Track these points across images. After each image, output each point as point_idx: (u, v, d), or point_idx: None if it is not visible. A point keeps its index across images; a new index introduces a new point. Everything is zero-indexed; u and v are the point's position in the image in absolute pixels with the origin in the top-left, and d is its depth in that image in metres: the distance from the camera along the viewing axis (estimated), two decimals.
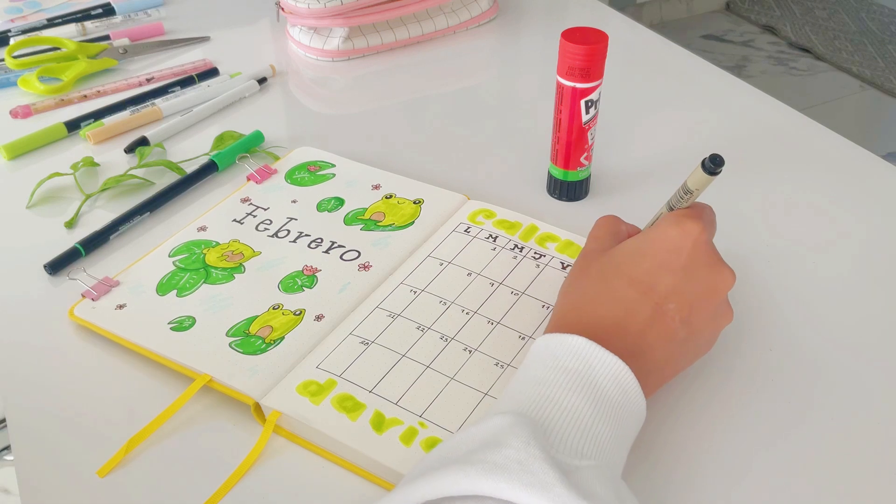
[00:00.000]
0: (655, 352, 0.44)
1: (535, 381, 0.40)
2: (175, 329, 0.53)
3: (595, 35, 0.57)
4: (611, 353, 0.41)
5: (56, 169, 0.68)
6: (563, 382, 0.40)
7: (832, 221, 0.63)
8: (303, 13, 0.83)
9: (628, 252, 0.46)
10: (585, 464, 0.36)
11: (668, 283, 0.44)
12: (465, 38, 0.90)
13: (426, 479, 0.34)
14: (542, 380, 0.40)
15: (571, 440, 0.37)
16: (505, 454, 0.34)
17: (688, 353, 0.46)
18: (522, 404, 0.39)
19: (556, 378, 0.40)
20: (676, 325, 0.44)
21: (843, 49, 2.57)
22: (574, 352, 0.41)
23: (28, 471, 0.46)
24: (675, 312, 0.44)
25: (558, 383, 0.40)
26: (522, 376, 0.42)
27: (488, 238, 0.59)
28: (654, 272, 0.44)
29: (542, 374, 0.41)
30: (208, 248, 0.60)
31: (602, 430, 0.38)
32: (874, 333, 0.53)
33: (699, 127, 0.74)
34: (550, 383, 0.40)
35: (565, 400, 0.39)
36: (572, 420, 0.38)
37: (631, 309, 0.44)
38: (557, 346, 0.42)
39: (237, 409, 0.49)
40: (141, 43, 0.89)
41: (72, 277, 0.58)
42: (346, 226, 0.61)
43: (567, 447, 0.37)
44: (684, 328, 0.44)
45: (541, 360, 0.42)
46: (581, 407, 0.39)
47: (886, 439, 0.47)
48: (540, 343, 0.43)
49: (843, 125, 0.93)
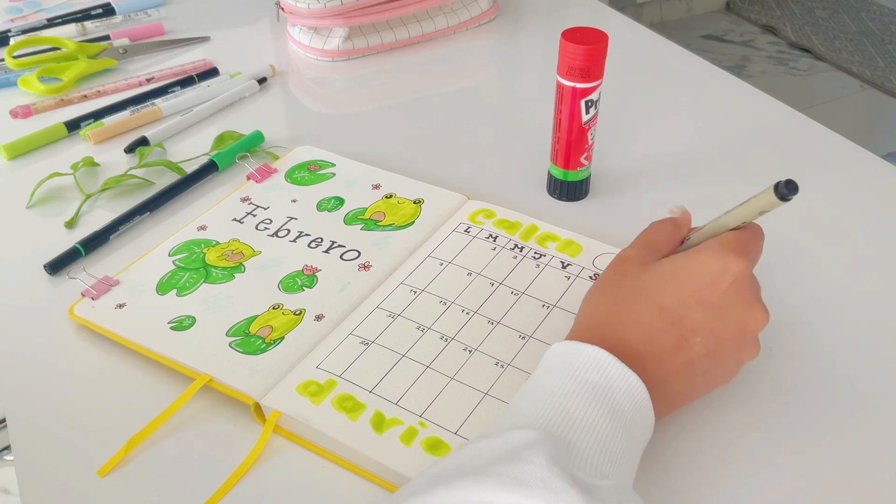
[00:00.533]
0: (673, 382, 0.43)
1: (554, 391, 0.40)
2: (175, 329, 0.53)
3: (595, 35, 0.57)
4: (628, 369, 0.40)
5: (56, 169, 0.68)
6: (583, 395, 0.39)
7: (832, 221, 0.63)
8: (303, 13, 0.83)
9: (665, 276, 0.45)
10: (605, 483, 0.36)
11: (697, 318, 0.43)
12: (465, 38, 0.90)
13: (445, 486, 0.34)
14: (561, 391, 0.40)
15: (591, 457, 0.37)
16: (527, 470, 0.34)
17: (705, 384, 0.45)
18: (543, 417, 0.38)
19: (575, 390, 0.40)
20: (698, 359, 0.43)
21: (843, 49, 2.57)
22: (594, 364, 0.41)
23: (28, 471, 0.46)
24: (700, 346, 0.43)
25: (577, 395, 0.39)
26: (540, 384, 0.41)
27: (488, 238, 0.59)
28: (686, 304, 0.43)
29: (560, 385, 0.40)
30: (208, 247, 0.60)
31: (619, 446, 0.38)
32: (875, 333, 0.53)
33: (699, 127, 0.74)
34: (570, 395, 0.39)
35: (584, 414, 0.39)
36: (592, 436, 0.38)
37: (656, 337, 0.43)
38: (576, 355, 0.41)
39: (237, 409, 0.49)
40: (141, 43, 0.89)
41: (71, 276, 0.58)
42: (346, 225, 0.61)
43: (587, 465, 0.36)
44: (705, 362, 0.44)
45: (559, 369, 0.41)
46: (600, 422, 0.38)
47: (891, 441, 0.47)
48: (557, 349, 0.43)
49: (843, 125, 0.93)
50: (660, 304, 0.44)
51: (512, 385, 0.48)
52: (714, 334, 0.43)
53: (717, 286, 0.43)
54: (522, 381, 0.49)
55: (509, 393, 0.48)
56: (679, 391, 0.44)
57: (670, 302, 0.44)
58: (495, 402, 0.47)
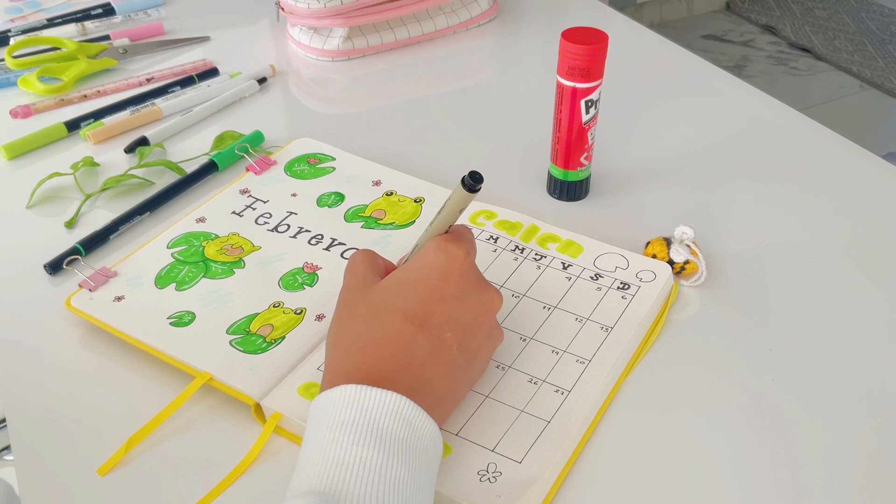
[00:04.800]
0: (438, 383, 0.42)
1: (318, 447, 0.38)
2: (174, 324, 0.53)
3: (595, 35, 0.57)
4: (384, 391, 0.39)
5: (56, 169, 0.68)
6: (344, 438, 0.37)
7: (832, 221, 0.63)
8: (303, 13, 0.83)
9: (396, 284, 0.45)
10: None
11: (442, 313, 0.43)
12: (465, 38, 0.90)
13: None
14: (324, 443, 0.38)
15: (370, 494, 0.36)
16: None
17: (467, 378, 0.45)
18: (313, 478, 0.37)
19: (336, 436, 0.38)
20: (455, 354, 0.43)
21: (843, 49, 2.57)
22: (346, 403, 0.39)
23: (28, 469, 0.46)
24: (452, 341, 0.43)
25: (339, 441, 0.37)
26: (306, 446, 0.39)
27: (489, 239, 0.59)
28: (427, 302, 0.43)
29: (322, 437, 0.38)
30: (207, 240, 0.60)
31: (399, 471, 0.37)
32: (875, 333, 0.53)
33: (699, 127, 0.74)
34: (332, 443, 0.38)
35: (351, 456, 0.37)
36: (365, 474, 0.36)
37: (410, 344, 0.42)
38: (328, 402, 0.39)
39: (237, 408, 0.49)
40: (141, 43, 0.89)
41: (67, 265, 0.58)
42: (347, 222, 0.61)
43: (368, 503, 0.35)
44: (462, 355, 0.43)
45: (319, 423, 0.39)
46: (370, 456, 0.37)
47: (888, 438, 0.47)
48: (314, 405, 0.41)
49: (843, 125, 0.93)
50: (402, 311, 0.43)
51: (513, 387, 0.48)
52: (461, 324, 0.44)
53: (449, 277, 0.44)
54: (523, 382, 0.49)
55: (510, 394, 0.48)
56: (446, 391, 0.43)
57: (411, 305, 0.43)
58: (496, 405, 0.47)
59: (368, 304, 0.44)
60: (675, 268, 0.56)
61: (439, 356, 0.43)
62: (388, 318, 0.43)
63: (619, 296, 0.54)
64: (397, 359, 0.42)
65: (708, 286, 0.57)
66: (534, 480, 0.43)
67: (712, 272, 0.58)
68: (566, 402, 0.47)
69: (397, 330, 0.43)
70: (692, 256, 0.56)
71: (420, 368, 0.42)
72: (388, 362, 0.42)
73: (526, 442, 0.45)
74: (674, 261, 0.56)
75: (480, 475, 0.43)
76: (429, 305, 0.43)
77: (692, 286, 0.57)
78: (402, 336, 0.42)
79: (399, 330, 0.43)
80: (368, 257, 0.48)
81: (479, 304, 0.45)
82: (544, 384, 0.48)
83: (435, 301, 0.43)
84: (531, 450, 0.45)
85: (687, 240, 0.56)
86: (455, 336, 0.43)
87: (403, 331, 0.42)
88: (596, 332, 0.51)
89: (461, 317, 0.44)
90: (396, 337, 0.42)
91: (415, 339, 0.42)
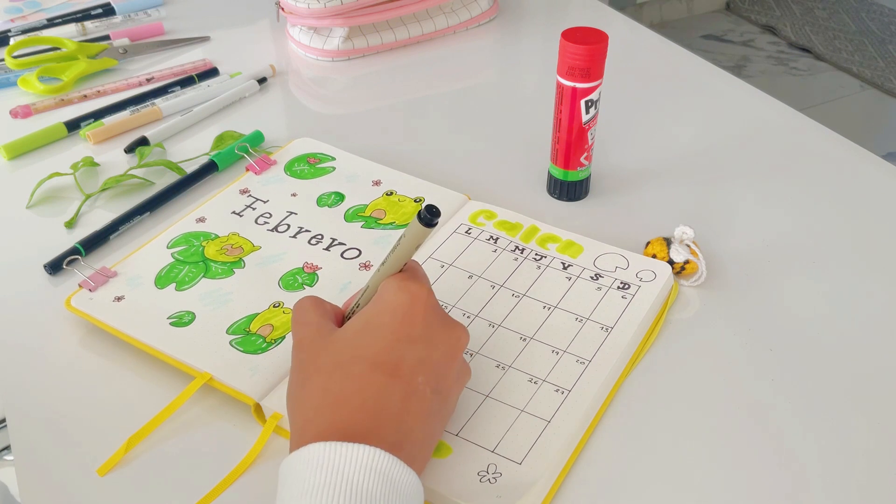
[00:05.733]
0: (417, 432, 0.40)
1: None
2: (175, 324, 0.53)
3: (595, 35, 0.57)
4: (358, 445, 0.36)
5: (56, 169, 0.68)
6: (320, 502, 0.35)
7: (832, 221, 0.63)
8: (303, 13, 0.83)
9: (359, 331, 0.42)
10: None
11: (411, 356, 0.41)
12: (465, 38, 0.90)
13: None
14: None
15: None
16: None
17: (441, 422, 0.43)
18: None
19: (311, 502, 0.35)
20: (430, 398, 0.41)
21: (843, 49, 2.57)
22: (317, 464, 0.36)
23: (28, 469, 0.46)
24: (425, 385, 0.41)
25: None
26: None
27: (489, 240, 0.59)
28: (395, 347, 0.41)
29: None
30: (207, 240, 0.60)
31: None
32: (875, 333, 0.53)
33: (699, 127, 0.74)
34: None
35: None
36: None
37: (382, 394, 0.39)
38: (298, 464, 0.37)
39: (237, 408, 0.49)
40: (141, 43, 0.89)
41: (67, 265, 0.58)
42: (347, 222, 0.61)
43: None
44: (436, 398, 0.41)
45: (289, 489, 0.36)
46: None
47: (888, 438, 0.47)
48: (283, 467, 0.38)
49: (843, 125, 0.93)
50: (370, 359, 0.40)
51: (513, 386, 0.48)
52: (432, 366, 0.41)
53: (414, 317, 0.42)
54: (523, 382, 0.49)
55: (510, 394, 0.48)
56: (424, 438, 0.41)
57: (378, 352, 0.41)
58: (496, 404, 0.47)
59: (331, 355, 0.41)
60: (675, 268, 0.56)
61: (414, 403, 0.40)
62: (356, 369, 0.40)
63: (620, 296, 0.54)
64: (371, 411, 0.39)
65: (708, 286, 0.57)
66: (534, 481, 0.43)
67: (712, 272, 0.58)
68: (566, 402, 0.47)
69: (367, 380, 0.40)
70: (692, 256, 0.56)
71: (397, 418, 0.39)
72: (362, 415, 0.39)
73: (526, 442, 0.45)
74: (674, 261, 0.56)
75: (480, 476, 0.43)
76: (397, 350, 0.41)
77: (692, 286, 0.57)
78: (374, 386, 0.40)
79: (369, 380, 0.40)
80: (315, 304, 0.45)
81: (447, 342, 0.43)
82: (544, 384, 0.48)
83: (403, 345, 0.41)
84: (531, 450, 0.45)
85: (687, 240, 0.56)
86: (427, 380, 0.41)
87: (374, 380, 0.40)
88: (596, 332, 0.52)
89: (431, 358, 0.41)
90: (368, 388, 0.40)
91: (387, 387, 0.40)
